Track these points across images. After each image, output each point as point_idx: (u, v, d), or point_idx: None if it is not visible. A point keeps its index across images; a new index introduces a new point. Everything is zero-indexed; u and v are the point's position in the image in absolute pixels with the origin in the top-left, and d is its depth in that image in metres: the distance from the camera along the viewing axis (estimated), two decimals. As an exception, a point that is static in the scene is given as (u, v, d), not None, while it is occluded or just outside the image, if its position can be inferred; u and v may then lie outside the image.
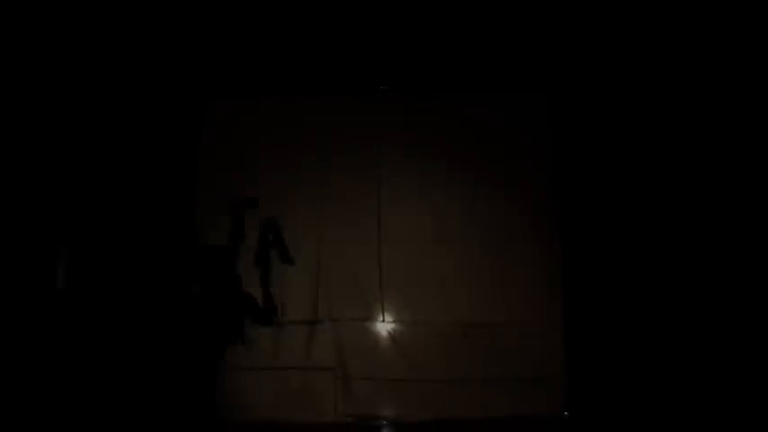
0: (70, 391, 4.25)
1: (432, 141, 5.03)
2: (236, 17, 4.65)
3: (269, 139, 4.97)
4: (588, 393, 4.61)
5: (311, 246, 4.82)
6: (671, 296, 4.53)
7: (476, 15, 4.79)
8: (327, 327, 4.76)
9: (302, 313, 4.71)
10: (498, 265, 4.89)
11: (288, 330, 4.71)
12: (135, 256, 4.55)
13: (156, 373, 4.46)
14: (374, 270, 4.79)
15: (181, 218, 4.75)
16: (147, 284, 4.55)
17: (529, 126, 5.03)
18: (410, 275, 4.81)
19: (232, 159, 4.92)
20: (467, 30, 4.84)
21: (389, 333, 4.77)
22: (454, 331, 4.79)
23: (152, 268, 4.57)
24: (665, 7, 4.59)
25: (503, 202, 4.97)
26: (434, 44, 4.90)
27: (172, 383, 4.48)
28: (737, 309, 4.37)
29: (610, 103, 4.87)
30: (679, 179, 4.69)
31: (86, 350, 4.32)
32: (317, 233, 4.83)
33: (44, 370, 4.18)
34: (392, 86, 5.00)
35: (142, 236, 4.60)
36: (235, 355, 4.60)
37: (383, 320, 4.78)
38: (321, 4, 4.63)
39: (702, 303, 4.44)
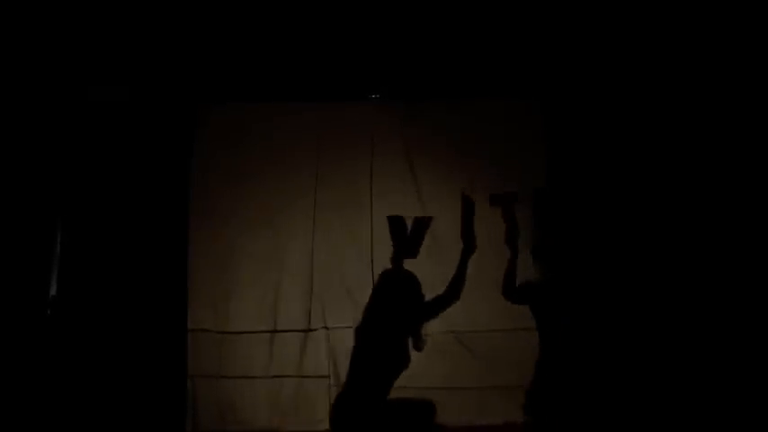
0: (64, 397, 4.32)
1: (426, 148, 5.04)
2: (232, 23, 4.67)
3: (261, 143, 5.00)
4: (587, 400, 4.56)
5: (304, 253, 4.84)
6: (670, 301, 4.52)
7: (469, 23, 4.82)
8: (321, 335, 4.78)
9: (295, 322, 4.72)
10: (493, 271, 4.86)
11: (281, 339, 4.72)
12: (127, 259, 4.60)
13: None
14: (367, 278, 4.76)
15: (174, 220, 4.80)
16: (139, 288, 4.60)
17: (522, 132, 5.02)
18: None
19: (223, 164, 4.95)
20: (460, 37, 4.88)
21: (383, 341, 4.75)
22: (449, 339, 4.78)
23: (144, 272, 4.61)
24: (659, 13, 4.63)
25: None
26: (428, 52, 4.92)
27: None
28: (738, 312, 4.35)
29: (603, 109, 4.87)
30: (673, 184, 4.68)
31: (78, 358, 4.37)
32: (310, 240, 4.86)
33: (37, 376, 4.25)
34: (386, 93, 5.04)
35: (134, 239, 4.64)
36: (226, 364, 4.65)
37: (377, 328, 4.76)
38: (317, 9, 4.66)
39: (704, 308, 4.43)
